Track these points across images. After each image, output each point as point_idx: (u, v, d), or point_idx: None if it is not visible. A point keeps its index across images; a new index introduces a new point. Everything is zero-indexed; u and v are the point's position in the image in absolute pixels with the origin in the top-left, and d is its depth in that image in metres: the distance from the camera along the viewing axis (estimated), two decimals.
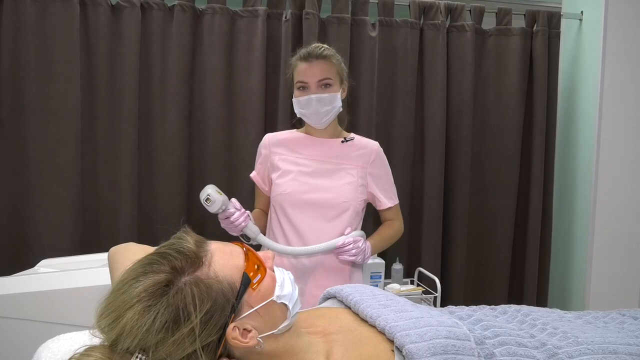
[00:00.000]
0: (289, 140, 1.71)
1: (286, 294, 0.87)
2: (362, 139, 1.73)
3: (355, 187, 1.65)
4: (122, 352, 0.79)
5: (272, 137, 1.74)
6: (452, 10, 2.54)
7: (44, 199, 2.12)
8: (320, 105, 1.59)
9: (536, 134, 2.63)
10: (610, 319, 1.28)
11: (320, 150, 1.68)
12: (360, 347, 0.94)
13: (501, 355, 0.96)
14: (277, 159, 1.69)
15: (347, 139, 1.70)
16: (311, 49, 1.60)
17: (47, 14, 2.09)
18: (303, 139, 1.70)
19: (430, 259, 2.54)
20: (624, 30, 2.53)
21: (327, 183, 1.64)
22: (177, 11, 2.22)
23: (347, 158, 1.67)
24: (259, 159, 1.74)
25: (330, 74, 1.59)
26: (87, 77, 2.17)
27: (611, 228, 2.59)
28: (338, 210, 1.63)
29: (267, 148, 1.72)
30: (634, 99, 2.56)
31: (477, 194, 2.65)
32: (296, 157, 1.68)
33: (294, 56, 1.65)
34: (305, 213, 1.62)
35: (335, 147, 1.68)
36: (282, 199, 1.64)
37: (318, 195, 1.63)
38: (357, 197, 1.65)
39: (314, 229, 1.61)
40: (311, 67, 1.58)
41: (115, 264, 1.07)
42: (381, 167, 1.72)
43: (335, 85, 1.60)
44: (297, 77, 1.61)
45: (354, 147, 1.69)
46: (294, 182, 1.64)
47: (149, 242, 1.17)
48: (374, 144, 1.73)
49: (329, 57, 1.59)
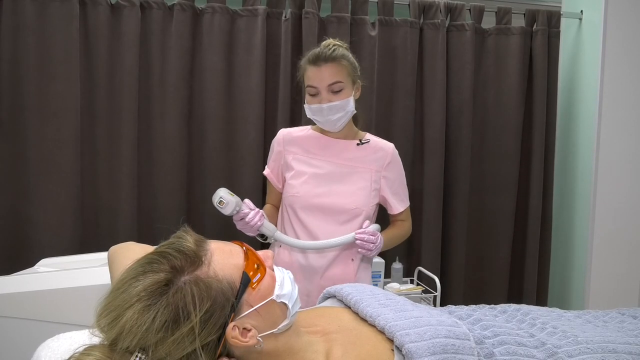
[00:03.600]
0: (304, 139, 1.68)
1: (286, 293, 0.87)
2: (378, 142, 1.69)
3: (369, 192, 1.63)
4: (122, 352, 0.79)
5: (287, 134, 1.70)
6: (451, 9, 2.54)
7: (44, 198, 2.12)
8: (331, 113, 1.55)
9: (536, 134, 2.63)
10: (609, 318, 1.28)
11: (335, 151, 1.64)
12: (359, 346, 0.94)
13: (501, 354, 0.96)
14: (291, 158, 1.66)
15: (363, 141, 1.66)
16: (320, 50, 1.54)
17: (47, 13, 2.08)
18: (318, 139, 1.66)
19: (430, 258, 2.55)
20: (624, 30, 2.53)
21: (340, 187, 1.61)
22: (176, 10, 2.22)
23: (362, 161, 1.64)
24: (272, 155, 1.71)
25: (341, 77, 1.54)
26: (87, 76, 2.17)
27: (611, 227, 2.59)
28: (350, 215, 1.61)
29: (281, 145, 1.69)
30: (633, 98, 2.56)
31: (477, 194, 2.65)
32: (310, 158, 1.64)
33: (304, 58, 1.60)
34: (317, 216, 1.61)
35: (350, 150, 1.64)
36: (294, 201, 1.62)
37: (330, 200, 1.60)
38: (370, 202, 1.63)
39: (325, 231, 1.59)
40: (320, 71, 1.52)
41: (114, 263, 1.07)
42: (395, 170, 1.69)
43: (347, 88, 1.55)
44: (307, 82, 1.57)
45: (369, 149, 1.66)
46: (307, 184, 1.62)
47: (148, 241, 1.17)
48: (390, 146, 1.69)
49: (338, 59, 1.53)
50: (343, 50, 1.57)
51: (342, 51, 1.56)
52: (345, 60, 1.55)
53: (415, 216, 2.58)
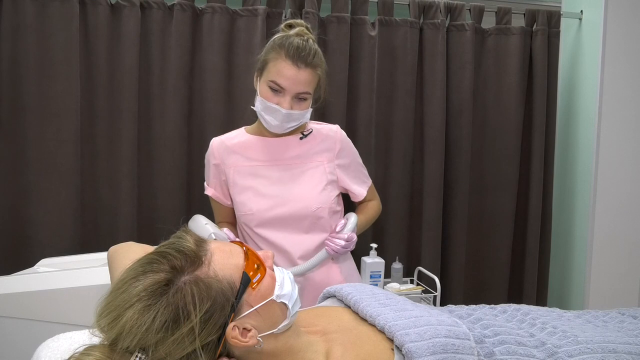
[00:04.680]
0: (240, 145, 1.51)
1: (286, 293, 0.87)
2: (321, 129, 1.52)
3: (325, 186, 1.48)
4: (122, 352, 0.79)
5: (220, 144, 1.53)
6: (451, 9, 2.54)
7: (44, 198, 2.12)
8: (287, 120, 1.42)
9: (536, 134, 2.63)
10: (609, 318, 1.28)
11: (276, 152, 1.48)
12: (359, 346, 0.94)
13: (501, 354, 0.96)
14: (232, 171, 1.49)
15: (305, 133, 1.49)
16: (302, 49, 1.38)
17: (47, 13, 2.08)
18: (256, 142, 1.50)
19: (430, 258, 2.54)
20: (624, 30, 2.53)
21: (293, 191, 1.46)
22: (176, 10, 2.22)
23: (310, 155, 1.49)
24: (210, 171, 1.54)
25: (311, 87, 1.41)
26: (87, 76, 2.17)
27: (611, 227, 2.59)
28: (312, 218, 1.46)
29: (217, 158, 1.52)
30: (633, 98, 2.56)
31: (477, 193, 2.65)
32: (252, 166, 1.48)
33: (277, 44, 1.40)
34: (279, 229, 1.46)
35: (293, 146, 1.49)
36: (249, 220, 1.47)
37: (286, 209, 1.45)
38: (329, 198, 1.48)
39: (292, 242, 1.46)
40: (297, 74, 1.37)
41: (114, 264, 1.07)
42: (348, 155, 1.54)
43: (309, 99, 1.43)
44: (273, 74, 1.39)
45: (314, 140, 1.50)
46: (257, 198, 1.46)
47: (148, 241, 1.17)
48: (335, 130, 1.53)
49: (315, 67, 1.40)
50: (320, 54, 1.43)
51: (319, 57, 1.42)
52: (320, 69, 1.43)
53: (415, 216, 2.59)
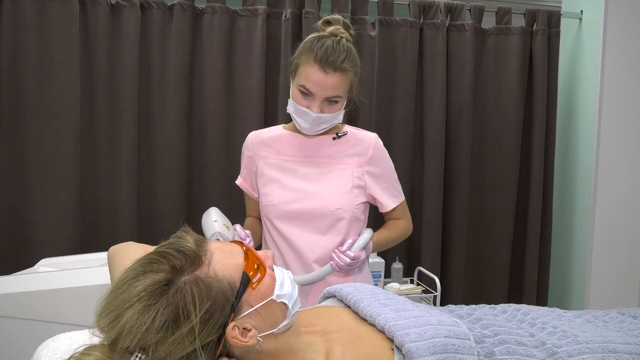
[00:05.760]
0: (274, 139, 1.53)
1: (286, 293, 0.87)
2: (357, 133, 1.52)
3: (350, 190, 1.46)
4: (122, 352, 0.79)
5: (255, 136, 1.55)
6: (451, 9, 2.54)
7: (44, 198, 2.12)
8: (317, 123, 1.41)
9: (536, 134, 2.63)
10: (609, 318, 1.28)
11: (308, 149, 1.49)
12: (359, 346, 0.94)
13: (501, 354, 0.96)
14: (262, 163, 1.51)
15: (340, 134, 1.49)
16: (330, 53, 1.35)
17: (47, 13, 2.08)
18: (289, 138, 1.51)
19: (430, 258, 2.55)
20: (624, 30, 2.53)
21: (316, 189, 1.46)
22: (176, 10, 2.22)
23: (340, 157, 1.48)
24: (244, 162, 1.57)
25: (341, 91, 1.39)
26: (87, 76, 2.17)
27: (611, 227, 2.59)
28: (331, 219, 1.44)
29: (251, 150, 1.54)
30: (633, 98, 2.56)
31: (477, 194, 2.65)
32: (282, 160, 1.50)
33: (307, 47, 1.39)
34: (296, 224, 1.45)
35: (326, 145, 1.49)
36: (269, 211, 1.47)
37: (306, 205, 1.45)
38: (353, 202, 1.46)
39: (307, 242, 1.45)
40: (324, 79, 1.36)
41: (114, 263, 1.07)
42: (381, 164, 1.52)
43: (341, 101, 1.42)
44: (302, 79, 1.39)
45: (347, 143, 1.49)
46: (281, 190, 1.47)
47: (148, 241, 1.17)
48: (371, 137, 1.52)
49: (345, 71, 1.37)
50: (351, 58, 1.40)
51: (350, 62, 1.39)
52: (351, 73, 1.40)
53: (415, 216, 2.58)
